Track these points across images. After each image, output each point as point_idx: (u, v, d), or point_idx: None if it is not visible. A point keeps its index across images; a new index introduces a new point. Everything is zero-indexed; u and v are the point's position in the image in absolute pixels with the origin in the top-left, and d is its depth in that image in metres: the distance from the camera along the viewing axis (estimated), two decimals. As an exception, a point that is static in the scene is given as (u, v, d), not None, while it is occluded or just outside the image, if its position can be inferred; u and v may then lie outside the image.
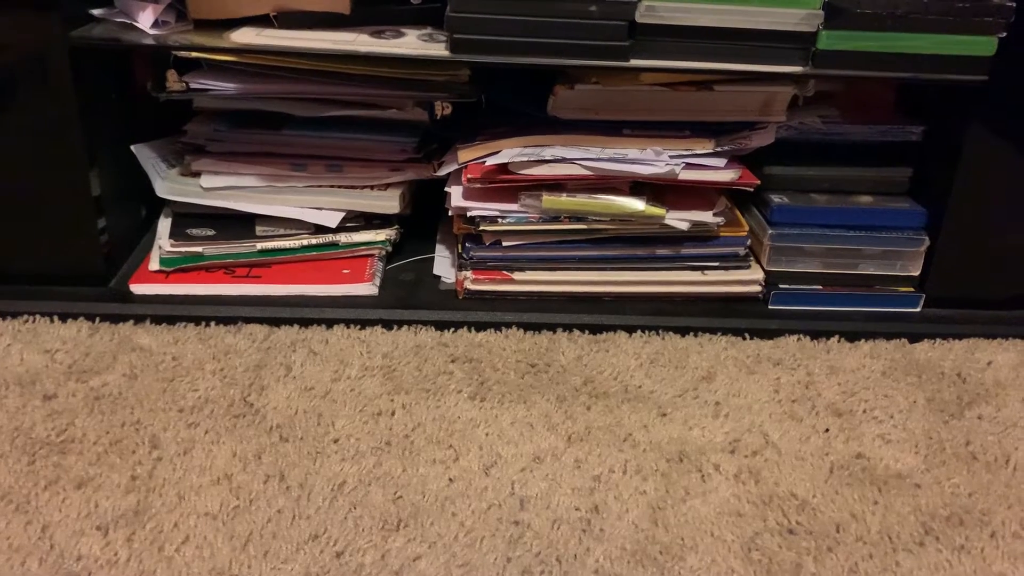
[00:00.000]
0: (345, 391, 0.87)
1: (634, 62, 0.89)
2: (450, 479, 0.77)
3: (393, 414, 0.84)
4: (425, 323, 0.97)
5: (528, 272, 1.00)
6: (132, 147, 1.03)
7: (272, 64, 0.91)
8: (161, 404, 0.84)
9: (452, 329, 0.97)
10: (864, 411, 0.88)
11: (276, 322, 0.96)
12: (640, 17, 0.86)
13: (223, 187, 1.01)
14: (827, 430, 0.85)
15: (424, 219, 1.11)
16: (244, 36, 0.91)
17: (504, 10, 0.86)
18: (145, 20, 0.90)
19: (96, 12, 0.93)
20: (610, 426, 0.84)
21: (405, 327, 0.96)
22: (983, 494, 0.79)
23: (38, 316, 0.94)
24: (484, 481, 0.77)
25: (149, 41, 0.89)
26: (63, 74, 0.89)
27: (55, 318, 0.94)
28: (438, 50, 0.90)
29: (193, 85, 0.95)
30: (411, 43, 0.91)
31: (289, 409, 0.84)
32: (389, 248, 1.05)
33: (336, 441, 0.81)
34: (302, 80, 0.94)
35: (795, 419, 0.86)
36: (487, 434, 0.83)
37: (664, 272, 1.01)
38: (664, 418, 0.86)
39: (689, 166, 0.94)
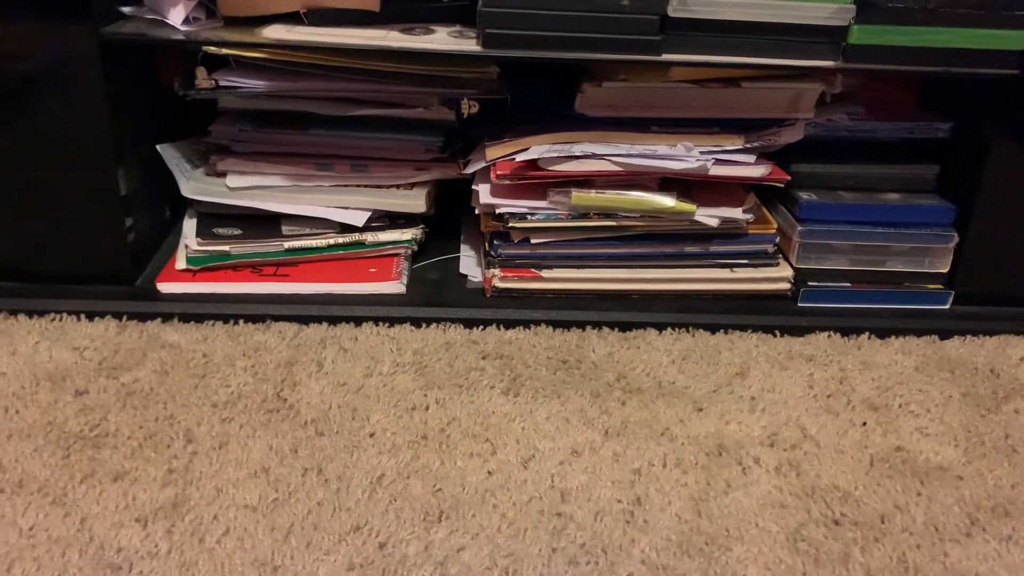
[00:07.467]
0: (378, 387, 0.86)
1: (666, 56, 0.89)
2: (489, 472, 0.76)
3: (427, 409, 0.83)
4: (454, 321, 0.96)
5: (557, 270, 0.99)
6: (157, 147, 1.03)
7: (303, 60, 0.91)
8: (194, 399, 0.83)
9: (481, 327, 0.96)
10: (900, 405, 0.87)
11: (305, 320, 0.95)
12: (672, 11, 0.86)
13: (249, 187, 1.01)
14: (864, 424, 0.84)
15: (444, 219, 1.10)
16: (275, 32, 0.90)
17: (536, 5, 0.86)
18: (176, 16, 0.90)
19: (126, 10, 0.93)
20: (646, 420, 0.84)
21: (434, 325, 0.96)
22: (1026, 485, 0.78)
23: (65, 315, 0.93)
24: (523, 474, 0.76)
25: (180, 37, 0.89)
26: (93, 71, 0.88)
27: (82, 316, 0.93)
28: (469, 46, 0.90)
29: (222, 83, 0.94)
30: (441, 39, 0.91)
31: (323, 404, 0.83)
32: (415, 247, 1.05)
33: (372, 435, 0.80)
34: (331, 78, 0.94)
35: (832, 413, 0.86)
36: (523, 428, 0.82)
37: (693, 270, 1.00)
38: (700, 413, 0.85)
39: (719, 162, 0.94)
